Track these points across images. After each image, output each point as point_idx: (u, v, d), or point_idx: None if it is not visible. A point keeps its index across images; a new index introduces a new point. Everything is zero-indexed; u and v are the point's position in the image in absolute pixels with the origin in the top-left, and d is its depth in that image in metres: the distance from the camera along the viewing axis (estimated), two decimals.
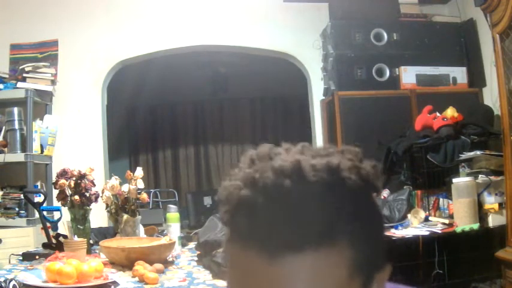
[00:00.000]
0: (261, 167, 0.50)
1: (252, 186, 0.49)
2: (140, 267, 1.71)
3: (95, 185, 2.29)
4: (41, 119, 3.47)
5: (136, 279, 1.68)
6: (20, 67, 3.44)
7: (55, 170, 3.00)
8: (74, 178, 2.23)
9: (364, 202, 0.52)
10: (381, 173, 0.53)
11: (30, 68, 3.42)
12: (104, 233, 2.50)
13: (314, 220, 0.47)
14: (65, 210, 2.30)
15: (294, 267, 0.47)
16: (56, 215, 2.44)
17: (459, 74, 3.74)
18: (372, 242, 0.52)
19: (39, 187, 3.41)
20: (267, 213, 0.48)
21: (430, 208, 3.00)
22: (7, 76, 3.49)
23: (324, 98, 3.87)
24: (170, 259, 2.04)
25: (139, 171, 2.34)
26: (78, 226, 2.21)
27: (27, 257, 2.07)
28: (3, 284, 1.46)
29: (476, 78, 3.72)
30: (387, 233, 2.73)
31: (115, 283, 1.61)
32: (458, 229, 2.68)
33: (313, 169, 0.49)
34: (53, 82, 3.55)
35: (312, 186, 0.48)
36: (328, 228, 0.48)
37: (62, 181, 2.20)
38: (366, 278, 0.51)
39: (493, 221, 2.73)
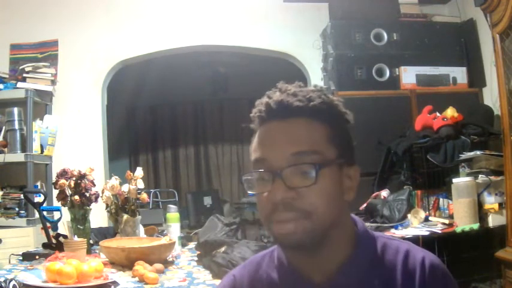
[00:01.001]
0: (275, 89, 0.85)
1: (271, 95, 0.83)
2: (140, 267, 1.71)
3: (95, 185, 2.29)
4: (41, 119, 3.47)
5: (136, 279, 1.68)
6: (20, 67, 3.44)
7: (55, 170, 3.00)
8: (74, 178, 2.23)
9: (336, 116, 0.84)
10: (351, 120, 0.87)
11: (30, 68, 3.42)
12: (104, 233, 2.50)
13: (307, 105, 0.81)
14: (65, 210, 2.30)
15: (295, 124, 0.80)
16: (56, 215, 2.44)
17: (459, 74, 3.74)
18: (341, 134, 0.83)
19: (39, 187, 3.41)
20: (279, 99, 0.81)
21: (430, 208, 3.00)
22: (7, 76, 3.49)
23: None
24: (170, 259, 2.04)
25: (139, 171, 2.34)
26: (78, 226, 2.21)
27: (27, 257, 2.07)
28: (3, 284, 1.46)
29: (476, 78, 3.72)
30: (387, 233, 2.73)
31: (115, 283, 1.61)
32: (458, 229, 2.68)
33: (309, 88, 0.85)
34: (53, 82, 3.55)
35: (308, 92, 0.82)
36: (314, 112, 0.81)
37: (62, 181, 2.20)
38: (340, 153, 0.81)
39: (493, 221, 2.73)
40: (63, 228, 2.23)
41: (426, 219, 2.87)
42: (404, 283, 0.79)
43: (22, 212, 3.25)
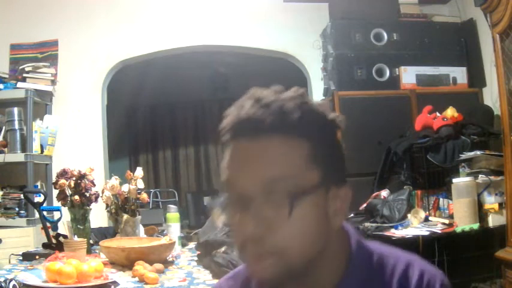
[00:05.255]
0: (247, 97, 0.72)
1: (242, 105, 0.71)
2: (140, 267, 1.71)
3: (95, 185, 2.29)
4: (41, 119, 3.47)
5: (136, 279, 1.68)
6: (20, 67, 3.44)
7: (55, 170, 3.00)
8: (74, 178, 2.23)
9: (321, 126, 0.71)
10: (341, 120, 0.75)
11: (30, 68, 3.42)
12: (104, 233, 2.50)
13: (282, 119, 0.67)
14: (65, 210, 2.30)
15: (268, 143, 0.67)
16: (56, 215, 2.44)
17: (459, 74, 3.74)
18: (326, 150, 0.70)
19: (39, 187, 3.41)
20: (250, 113, 0.69)
21: (430, 208, 3.00)
22: (7, 76, 3.49)
23: (324, 98, 3.87)
24: (170, 259, 2.04)
25: (139, 171, 2.34)
26: (78, 226, 2.21)
27: (27, 257, 2.07)
28: (3, 284, 1.46)
29: (476, 78, 3.71)
30: (387, 233, 2.73)
31: (115, 283, 1.61)
32: (458, 229, 2.68)
33: (286, 95, 0.70)
34: (53, 82, 3.55)
35: (283, 103, 0.68)
36: (290, 126, 0.68)
37: (62, 181, 2.20)
38: (325, 174, 0.68)
39: (493, 221, 2.73)
40: (63, 228, 2.23)
41: (426, 219, 2.87)
42: None
43: (22, 212, 3.25)
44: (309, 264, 0.69)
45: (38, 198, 2.71)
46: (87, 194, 2.23)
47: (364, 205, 3.05)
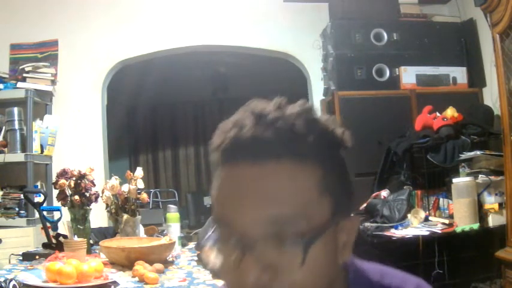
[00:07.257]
0: (247, 112, 0.60)
1: (241, 122, 0.59)
2: (140, 267, 1.71)
3: (95, 185, 2.29)
4: (41, 119, 3.47)
5: (136, 279, 1.68)
6: (20, 67, 3.44)
7: (55, 170, 3.00)
8: (74, 178, 2.23)
9: (332, 147, 0.61)
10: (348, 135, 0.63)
11: (30, 68, 3.42)
12: (104, 233, 2.50)
13: (292, 140, 0.56)
14: (65, 210, 2.30)
15: (274, 170, 0.56)
16: (56, 215, 2.44)
17: (459, 74, 3.74)
18: (338, 175, 0.61)
19: (39, 187, 3.41)
20: (252, 134, 0.57)
21: (430, 208, 3.00)
22: (7, 76, 3.49)
23: (324, 98, 3.87)
24: (170, 259, 2.04)
25: (139, 171, 2.34)
26: (78, 226, 2.21)
27: (27, 257, 2.07)
28: (3, 284, 1.46)
29: (476, 78, 3.72)
30: (387, 233, 2.73)
31: (115, 283, 1.61)
32: (458, 229, 2.68)
33: (293, 110, 0.58)
34: (53, 82, 3.55)
35: (292, 121, 0.57)
36: (302, 148, 0.57)
37: (62, 181, 2.20)
38: (336, 205, 0.59)
39: (493, 221, 2.73)
40: (63, 228, 2.23)
41: (426, 219, 2.87)
42: None
43: (22, 212, 3.25)
44: None
45: (38, 198, 2.71)
46: (87, 194, 2.23)
47: (364, 205, 3.05)
